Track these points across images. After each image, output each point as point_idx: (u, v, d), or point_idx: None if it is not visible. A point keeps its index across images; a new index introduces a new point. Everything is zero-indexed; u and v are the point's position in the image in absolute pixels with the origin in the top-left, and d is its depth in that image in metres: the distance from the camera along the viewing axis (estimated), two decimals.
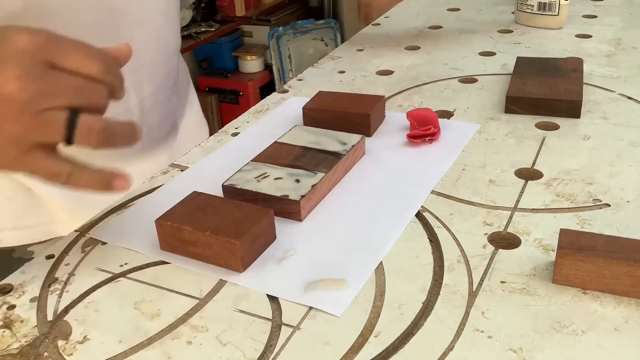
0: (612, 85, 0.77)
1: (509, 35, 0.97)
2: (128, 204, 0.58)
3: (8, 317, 0.45)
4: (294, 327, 0.43)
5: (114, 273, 0.49)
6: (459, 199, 0.56)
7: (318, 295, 0.45)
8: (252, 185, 0.55)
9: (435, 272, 0.47)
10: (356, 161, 0.63)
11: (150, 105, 0.71)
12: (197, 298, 0.46)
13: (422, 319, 0.42)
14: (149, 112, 0.71)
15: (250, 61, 2.78)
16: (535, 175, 0.59)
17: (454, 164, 0.61)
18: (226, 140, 0.69)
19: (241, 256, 0.47)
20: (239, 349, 0.41)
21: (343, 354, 0.40)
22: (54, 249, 0.52)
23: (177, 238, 0.50)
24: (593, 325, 0.41)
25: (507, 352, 0.39)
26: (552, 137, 0.66)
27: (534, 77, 0.75)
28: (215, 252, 0.48)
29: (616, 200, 0.54)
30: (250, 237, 0.48)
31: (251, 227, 0.48)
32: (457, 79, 0.82)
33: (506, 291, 0.44)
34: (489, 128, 0.68)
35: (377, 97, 0.70)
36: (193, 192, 0.53)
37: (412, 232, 0.52)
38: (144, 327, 0.43)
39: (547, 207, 0.53)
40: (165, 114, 0.76)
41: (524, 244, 0.49)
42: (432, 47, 0.94)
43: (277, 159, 0.59)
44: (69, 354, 0.41)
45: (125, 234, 0.54)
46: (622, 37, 0.94)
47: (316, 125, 0.67)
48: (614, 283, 0.43)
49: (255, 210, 0.50)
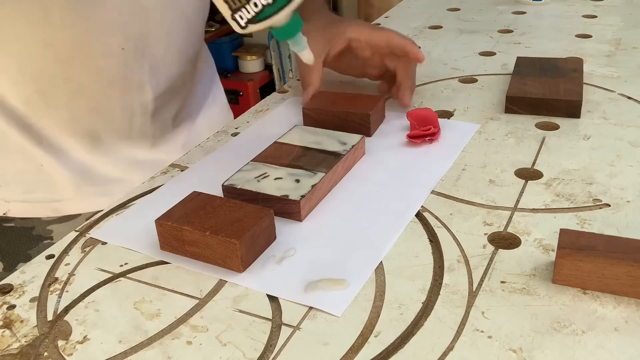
0: (612, 85, 0.77)
1: (509, 35, 0.97)
2: (128, 204, 0.58)
3: (8, 317, 0.45)
4: (294, 327, 0.43)
5: (114, 273, 0.49)
6: (459, 199, 0.56)
7: (318, 295, 0.45)
8: (252, 185, 0.55)
9: (435, 272, 0.47)
10: (356, 161, 0.63)
11: (164, 102, 0.74)
12: (197, 298, 0.46)
13: (422, 319, 0.42)
14: (162, 107, 0.74)
15: (250, 61, 2.78)
16: (535, 175, 0.59)
17: (454, 164, 0.61)
18: (226, 140, 0.69)
19: (241, 256, 0.47)
20: (239, 349, 0.41)
21: (343, 354, 0.40)
22: (54, 249, 0.52)
23: (177, 238, 0.50)
24: (593, 325, 0.41)
25: (507, 352, 0.39)
26: (552, 137, 0.66)
27: (534, 77, 0.75)
28: (215, 252, 0.48)
29: (616, 200, 0.54)
30: (250, 237, 0.48)
31: (251, 227, 0.48)
32: (457, 79, 0.82)
33: (506, 291, 0.44)
34: (489, 128, 0.68)
35: (377, 97, 0.70)
36: (193, 192, 0.53)
37: (412, 232, 0.52)
38: (143, 327, 0.43)
39: (547, 207, 0.53)
40: (178, 109, 0.79)
41: (524, 244, 0.49)
42: (432, 47, 0.94)
43: (277, 159, 0.59)
44: (69, 354, 0.41)
45: (125, 234, 0.54)
46: (622, 37, 0.94)
47: (316, 125, 0.67)
48: (614, 283, 0.43)
49: (256, 210, 0.50)
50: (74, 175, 0.70)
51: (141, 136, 0.74)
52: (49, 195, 0.71)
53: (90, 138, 0.70)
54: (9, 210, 0.70)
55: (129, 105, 0.69)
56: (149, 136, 0.74)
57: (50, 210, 0.71)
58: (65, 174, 0.70)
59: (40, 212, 0.71)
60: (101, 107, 0.68)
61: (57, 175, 0.70)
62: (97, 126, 0.69)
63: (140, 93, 0.70)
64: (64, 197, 0.71)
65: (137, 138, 0.73)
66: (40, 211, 0.71)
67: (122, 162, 0.73)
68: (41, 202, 0.71)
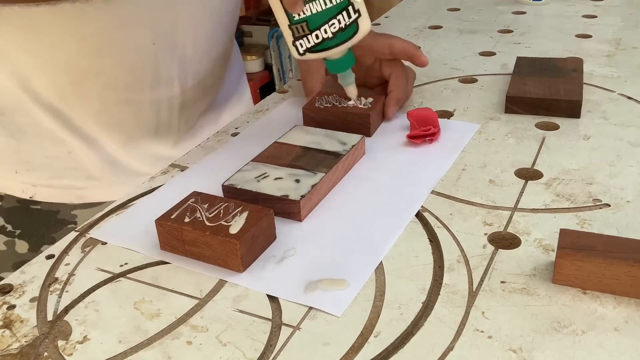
0: (612, 85, 0.77)
1: (509, 35, 0.97)
2: (128, 204, 0.58)
3: (8, 317, 0.45)
4: (294, 327, 0.43)
5: (114, 273, 0.49)
6: (459, 199, 0.56)
7: (318, 295, 0.45)
8: (252, 185, 0.55)
9: (435, 272, 0.47)
10: (356, 161, 0.63)
11: (191, 97, 0.75)
12: (197, 298, 0.46)
13: (422, 319, 0.42)
14: (189, 102, 0.75)
15: (250, 61, 2.78)
16: (535, 175, 0.59)
17: (454, 164, 0.61)
18: (226, 140, 0.69)
19: (241, 256, 0.47)
20: (239, 349, 0.41)
21: (343, 354, 0.40)
22: (54, 249, 0.52)
23: (176, 238, 0.50)
24: (593, 325, 0.41)
25: (507, 352, 0.39)
26: (552, 137, 0.66)
27: (534, 77, 0.75)
28: (215, 252, 0.48)
29: (616, 200, 0.54)
30: (250, 237, 0.48)
31: (251, 227, 0.48)
32: (457, 79, 0.82)
33: (506, 291, 0.44)
34: (489, 128, 0.68)
35: (378, 98, 0.70)
36: (193, 192, 0.53)
37: (412, 232, 0.52)
38: (143, 327, 0.43)
39: (547, 207, 0.53)
40: (205, 105, 0.80)
41: (524, 244, 0.49)
42: (432, 47, 0.94)
43: (277, 159, 0.59)
44: (69, 354, 0.41)
45: (125, 234, 0.54)
46: (622, 37, 0.94)
47: (316, 126, 0.67)
48: (614, 283, 0.43)
49: (256, 210, 0.50)
50: (100, 164, 0.72)
51: (167, 131, 0.75)
52: (76, 183, 0.72)
53: (119, 130, 0.71)
54: (35, 194, 0.72)
55: (157, 99, 0.71)
56: (175, 131, 0.76)
57: (75, 197, 0.73)
58: (92, 162, 0.71)
59: (65, 198, 0.72)
60: (131, 100, 0.69)
61: (85, 162, 0.71)
62: (126, 119, 0.70)
63: (169, 88, 0.71)
64: (89, 185, 0.72)
65: (164, 133, 0.75)
66: (65, 197, 0.72)
67: (148, 156, 0.74)
68: (67, 189, 0.72)
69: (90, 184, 0.73)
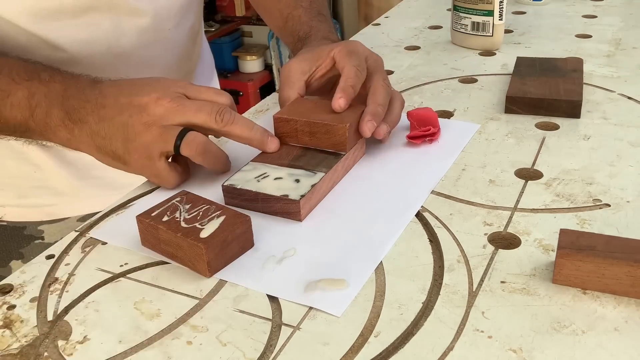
0: (612, 85, 0.77)
1: (509, 35, 0.97)
2: (128, 204, 0.58)
3: (8, 317, 0.45)
4: (294, 327, 0.43)
5: (114, 273, 0.49)
6: (459, 199, 0.56)
7: (318, 295, 0.45)
8: (252, 185, 0.55)
9: (435, 272, 0.47)
10: (356, 161, 0.63)
11: None
12: (197, 298, 0.46)
13: (422, 319, 0.42)
14: None
15: (250, 61, 2.78)
16: (535, 175, 0.59)
17: (454, 164, 0.61)
18: (226, 140, 0.69)
19: (208, 261, 0.47)
20: (239, 349, 0.41)
21: (343, 354, 0.40)
22: (54, 249, 0.52)
23: (154, 236, 0.49)
24: (593, 325, 0.41)
25: (507, 352, 0.39)
26: (552, 137, 0.66)
27: (534, 77, 0.75)
28: (185, 254, 0.48)
29: (616, 200, 0.54)
30: (219, 243, 0.47)
31: (222, 233, 0.47)
32: (457, 79, 0.82)
33: (506, 291, 0.44)
34: (489, 128, 0.68)
35: (360, 107, 0.60)
36: (182, 190, 0.53)
37: (412, 232, 0.52)
38: (143, 327, 0.43)
39: (547, 207, 0.53)
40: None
41: (524, 244, 0.49)
42: (432, 47, 0.94)
43: (277, 159, 0.59)
44: (69, 354, 0.41)
45: (125, 234, 0.53)
46: (622, 37, 0.94)
47: (287, 140, 0.61)
48: (614, 283, 0.43)
49: (234, 215, 0.49)
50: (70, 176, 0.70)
51: None
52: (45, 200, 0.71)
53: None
54: (5, 214, 0.71)
55: None
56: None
57: (46, 215, 0.72)
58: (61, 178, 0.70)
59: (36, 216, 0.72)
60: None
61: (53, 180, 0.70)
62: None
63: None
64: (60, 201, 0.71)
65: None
66: (36, 215, 0.72)
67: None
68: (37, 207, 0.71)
69: (60, 200, 0.71)
